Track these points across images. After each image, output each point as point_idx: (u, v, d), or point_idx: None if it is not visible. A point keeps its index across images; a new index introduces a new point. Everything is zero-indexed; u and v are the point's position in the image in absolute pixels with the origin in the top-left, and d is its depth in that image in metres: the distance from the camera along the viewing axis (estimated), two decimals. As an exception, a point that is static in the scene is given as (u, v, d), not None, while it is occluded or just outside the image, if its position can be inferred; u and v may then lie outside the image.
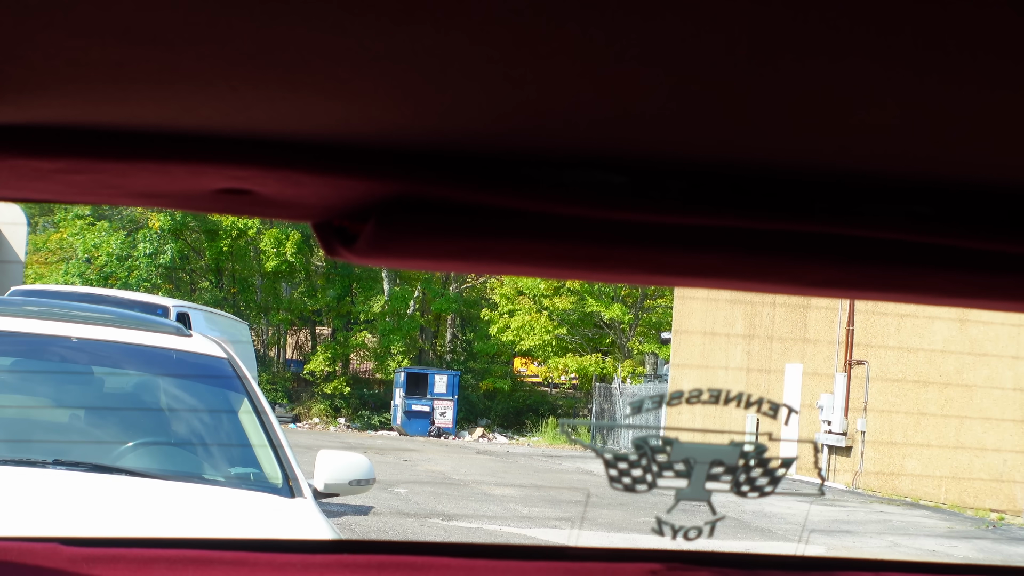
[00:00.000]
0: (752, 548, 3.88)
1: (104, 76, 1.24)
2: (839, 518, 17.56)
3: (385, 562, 1.90)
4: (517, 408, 41.24)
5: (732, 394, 2.24)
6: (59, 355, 5.65)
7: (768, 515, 15.21)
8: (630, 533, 8.99)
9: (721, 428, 2.38)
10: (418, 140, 1.42)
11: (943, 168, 1.47)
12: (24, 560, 1.75)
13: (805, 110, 1.29)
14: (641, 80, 1.22)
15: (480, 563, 1.91)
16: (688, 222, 1.53)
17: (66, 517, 4.24)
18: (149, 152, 1.43)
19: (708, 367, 29.90)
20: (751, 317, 28.43)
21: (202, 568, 1.80)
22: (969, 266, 1.63)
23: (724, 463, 2.12)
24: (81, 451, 5.02)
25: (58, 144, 1.41)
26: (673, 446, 2.13)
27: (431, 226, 1.50)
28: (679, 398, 2.23)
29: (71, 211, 39.43)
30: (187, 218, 38.18)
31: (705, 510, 2.12)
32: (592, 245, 1.57)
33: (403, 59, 1.16)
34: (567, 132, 1.39)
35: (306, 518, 4.74)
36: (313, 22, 1.07)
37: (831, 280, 1.68)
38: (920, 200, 1.54)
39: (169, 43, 1.14)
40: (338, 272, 40.97)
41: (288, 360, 44.23)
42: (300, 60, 1.17)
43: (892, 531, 16.88)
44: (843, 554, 11.53)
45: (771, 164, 1.47)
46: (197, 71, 1.22)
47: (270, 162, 1.43)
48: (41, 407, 5.40)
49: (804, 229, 1.56)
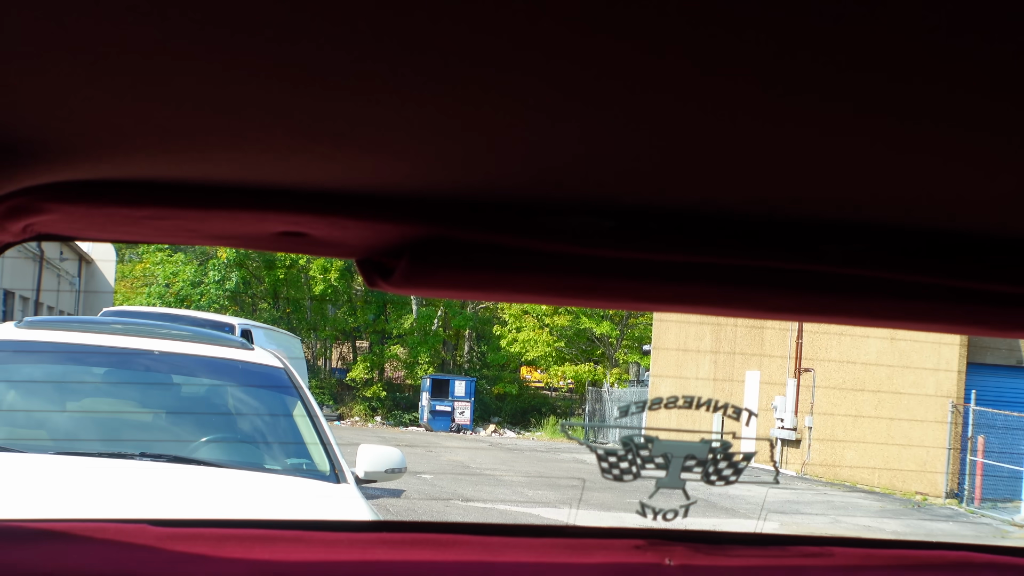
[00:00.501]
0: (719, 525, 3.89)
1: (184, 140, 1.25)
2: (791, 499, 17.48)
3: (416, 539, 1.89)
4: (523, 408, 41.02)
5: (702, 399, 2.25)
6: (144, 365, 5.64)
7: (732, 497, 15.09)
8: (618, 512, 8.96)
9: (693, 428, 2.36)
10: (443, 192, 1.42)
11: (873, 213, 1.47)
12: (118, 538, 1.73)
13: (760, 167, 1.29)
14: (627, 143, 1.23)
15: (494, 540, 1.90)
16: (664, 259, 1.53)
17: (151, 502, 4.23)
18: (221, 202, 1.43)
19: (682, 377, 29.77)
20: (717, 335, 28.33)
21: (265, 545, 1.79)
22: (894, 294, 1.63)
23: (696, 456, 2.12)
24: (162, 446, 5.01)
25: (146, 196, 1.41)
26: (654, 443, 2.13)
27: (454, 262, 1.50)
28: (659, 403, 2.23)
29: (153, 245, 39.26)
30: (249, 251, 38.22)
31: (680, 495, 2.12)
32: (585, 277, 1.57)
33: (432, 127, 1.17)
34: (565, 184, 1.39)
35: (349, 501, 4.70)
36: (359, 97, 1.08)
37: (782, 307, 1.68)
38: (855, 239, 1.54)
39: (239, 113, 1.15)
40: (374, 295, 40.79)
41: (333, 369, 44.04)
42: (347, 127, 1.18)
43: (834, 510, 16.79)
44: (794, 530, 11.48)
45: (733, 211, 1.47)
46: (262, 136, 1.22)
47: (321, 210, 1.43)
48: (129, 410, 5.39)
49: (760, 264, 1.56)
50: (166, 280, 40.34)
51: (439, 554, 1.87)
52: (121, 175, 1.37)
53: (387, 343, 43.17)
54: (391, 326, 43.15)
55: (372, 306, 42.27)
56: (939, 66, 0.95)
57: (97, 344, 5.67)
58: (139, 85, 1.07)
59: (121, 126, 1.20)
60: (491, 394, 41.06)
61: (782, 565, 1.97)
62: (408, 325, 42.77)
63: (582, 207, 1.46)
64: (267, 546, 1.80)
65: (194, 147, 1.28)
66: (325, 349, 44.32)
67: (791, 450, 24.07)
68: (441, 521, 3.45)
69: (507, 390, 41.86)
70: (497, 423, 38.42)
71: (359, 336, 44.20)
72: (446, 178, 1.37)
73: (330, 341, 44.20)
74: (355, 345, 44.60)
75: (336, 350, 45.14)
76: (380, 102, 1.10)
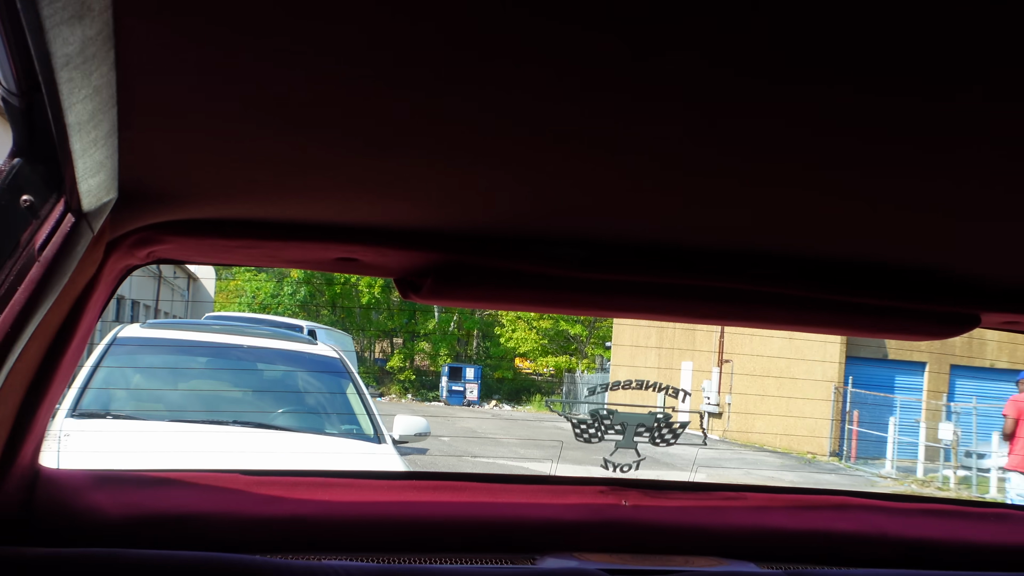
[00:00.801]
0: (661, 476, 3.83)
1: (268, 190, 1.25)
2: (715, 457, 17.36)
3: (437, 485, 1.88)
4: (517, 388, 40.78)
5: (649, 382, 2.25)
6: (235, 355, 5.62)
7: (671, 455, 15.01)
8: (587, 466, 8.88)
9: (643, 404, 2.36)
10: (459, 229, 1.42)
11: (779, 245, 1.47)
12: (217, 484, 1.73)
13: (695, 214, 1.29)
14: (595, 197, 1.23)
15: (495, 486, 1.90)
16: (622, 279, 1.53)
17: (241, 456, 4.22)
18: (294, 235, 1.43)
19: (634, 366, 29.64)
20: (660, 334, 28.19)
21: (324, 489, 1.78)
22: (792, 305, 1.63)
23: (645, 425, 2.12)
24: (249, 415, 4.99)
25: (239, 231, 1.41)
26: (613, 415, 2.13)
27: (467, 281, 1.50)
28: (617, 385, 2.23)
29: (243, 267, 39.44)
30: (314, 272, 38.01)
31: (633, 454, 2.12)
32: (564, 292, 1.57)
33: (452, 182, 1.17)
34: (549, 225, 1.39)
35: (387, 457, 4.68)
36: (399, 161, 1.08)
37: (709, 314, 1.68)
38: (766, 265, 1.54)
39: (309, 171, 1.15)
40: (407, 305, 40.60)
41: (376, 359, 43.74)
42: (390, 182, 1.18)
43: (746, 465, 16.70)
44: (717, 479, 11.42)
45: (675, 244, 1.46)
46: (325, 187, 1.22)
47: (369, 242, 1.43)
48: (224, 388, 5.37)
49: (696, 283, 1.56)
50: (252, 293, 40.17)
51: (454, 496, 1.87)
52: (220, 215, 1.37)
53: (416, 340, 43.01)
54: (419, 327, 43.06)
55: (405, 312, 42.16)
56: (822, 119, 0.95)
57: (201, 340, 5.68)
58: (237, 150, 1.08)
59: (221, 180, 1.20)
60: (493, 378, 40.82)
61: (708, 506, 1.96)
62: (432, 327, 42.72)
63: (561, 241, 1.47)
64: (326, 490, 1.79)
65: (275, 195, 1.28)
66: (370, 344, 44.06)
67: (715, 420, 23.97)
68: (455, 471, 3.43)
69: (505, 375, 41.65)
70: (497, 399, 38.17)
71: (395, 335, 43.98)
72: (461, 219, 1.37)
73: (373, 338, 43.97)
74: (392, 341, 44.38)
75: (378, 345, 44.87)
76: (414, 165, 1.10)
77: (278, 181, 1.19)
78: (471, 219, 1.36)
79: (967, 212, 1.21)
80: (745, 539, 1.94)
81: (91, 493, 1.63)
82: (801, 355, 21.21)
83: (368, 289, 40.74)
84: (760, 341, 22.36)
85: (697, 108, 0.90)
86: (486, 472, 1.58)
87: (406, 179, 1.16)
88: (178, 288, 39.10)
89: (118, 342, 5.40)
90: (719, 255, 1.50)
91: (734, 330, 24.25)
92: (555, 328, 40.23)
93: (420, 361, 43.42)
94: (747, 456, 18.94)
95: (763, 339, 22.15)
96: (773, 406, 21.70)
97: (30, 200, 1.03)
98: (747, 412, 22.63)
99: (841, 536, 1.98)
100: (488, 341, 44.70)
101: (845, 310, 1.63)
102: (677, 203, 1.24)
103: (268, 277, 41.11)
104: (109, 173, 1.09)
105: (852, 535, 1.99)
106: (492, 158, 1.08)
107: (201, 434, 4.51)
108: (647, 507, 1.92)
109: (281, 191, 1.25)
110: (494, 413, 31.13)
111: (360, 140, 1.02)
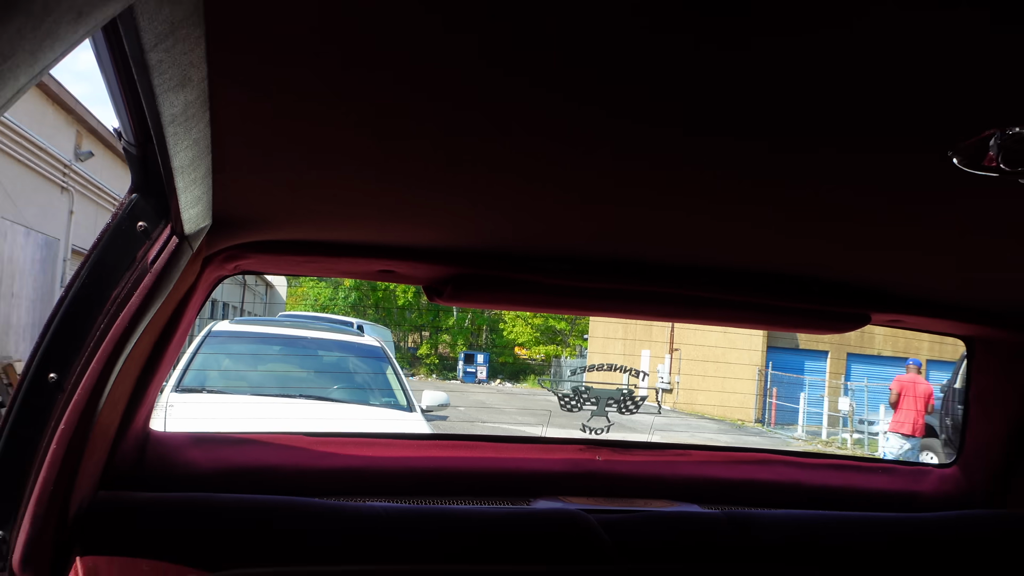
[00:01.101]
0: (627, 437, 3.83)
1: (325, 218, 1.24)
2: (667, 423, 17.32)
3: (455, 444, 1.87)
4: (516, 370, 40.67)
5: (617, 365, 2.24)
6: (302, 344, 5.61)
7: (633, 422, 14.99)
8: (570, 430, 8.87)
9: (612, 382, 2.35)
10: (472, 248, 1.41)
11: (718, 261, 1.46)
12: (284, 443, 1.71)
13: (654, 237, 1.28)
14: (575, 223, 1.22)
15: (500, 445, 1.89)
16: (597, 287, 1.53)
17: (305, 421, 4.21)
18: (347, 253, 1.43)
19: (605, 352, 29.49)
20: (625, 328, 28.11)
21: (370, 447, 1.77)
22: (728, 307, 1.62)
23: (613, 399, 2.11)
24: (311, 390, 4.98)
25: (305, 249, 1.41)
26: (589, 391, 2.12)
27: (478, 287, 1.49)
28: (592, 368, 2.23)
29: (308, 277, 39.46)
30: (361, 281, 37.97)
31: (604, 421, 2.11)
32: (552, 296, 1.56)
33: (468, 212, 1.17)
34: (543, 244, 1.39)
35: (417, 422, 4.65)
36: (429, 195, 1.08)
37: (664, 313, 1.66)
38: (709, 276, 1.53)
39: (360, 205, 1.14)
40: (432, 306, 40.56)
41: (409, 347, 43.71)
42: (420, 212, 1.17)
43: (691, 429, 16.66)
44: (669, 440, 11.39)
45: (640, 259, 1.46)
46: (370, 217, 1.22)
47: (404, 258, 1.43)
48: (293, 370, 5.36)
49: (655, 290, 1.55)
50: (314, 297, 40.21)
51: (467, 452, 1.86)
52: (290, 238, 1.37)
53: (439, 333, 42.98)
54: (441, 323, 42.98)
55: (431, 312, 42.10)
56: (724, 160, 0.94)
57: (275, 333, 5.68)
58: (303, 189, 1.07)
59: (291, 211, 1.20)
60: (498, 362, 40.70)
61: (662, 460, 1.95)
62: (451, 323, 42.65)
63: (550, 257, 1.46)
64: (369, 447, 1.78)
65: (331, 222, 1.27)
66: (404, 336, 43.95)
67: (667, 395, 23.91)
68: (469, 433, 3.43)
69: (506, 360, 41.54)
70: (501, 379, 38.04)
71: (423, 329, 43.90)
72: (473, 241, 1.37)
73: (407, 332, 43.90)
74: (421, 334, 44.28)
75: (410, 337, 44.75)
76: (437, 200, 1.10)
77: (333, 212, 1.19)
78: (481, 241, 1.36)
79: (856, 243, 1.22)
80: (690, 486, 1.93)
81: (189, 451, 1.62)
82: (733, 345, 21.23)
83: (403, 294, 40.74)
84: (702, 334, 22.33)
85: (633, 160, 0.90)
86: (492, 434, 1.58)
87: (431, 210, 1.16)
88: (258, 292, 39.08)
89: (212, 334, 5.39)
90: (670, 269, 1.50)
91: (682, 325, 24.20)
92: (545, 324, 40.30)
93: (442, 349, 43.32)
94: (692, 422, 18.88)
95: (704, 332, 22.10)
96: (711, 384, 21.66)
97: (144, 226, 1.06)
98: (692, 388, 22.59)
99: (763, 484, 1.97)
100: (494, 334, 44.65)
101: (766, 310, 1.63)
102: (637, 231, 1.24)
103: (326, 284, 41.11)
104: (205, 205, 1.09)
105: (772, 483, 1.98)
106: (496, 197, 1.08)
107: (274, 405, 4.50)
108: (615, 461, 1.92)
109: (336, 219, 1.24)
110: (498, 389, 31.04)
111: (398, 182, 1.02)
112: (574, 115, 0.79)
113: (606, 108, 0.77)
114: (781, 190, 1.00)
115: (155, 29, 0.57)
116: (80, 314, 1.08)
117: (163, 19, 0.56)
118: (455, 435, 1.93)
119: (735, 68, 0.68)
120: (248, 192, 1.09)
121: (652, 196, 1.04)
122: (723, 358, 21.47)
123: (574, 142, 0.86)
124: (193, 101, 0.73)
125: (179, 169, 0.87)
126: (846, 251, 1.30)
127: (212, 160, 0.93)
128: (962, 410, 2.06)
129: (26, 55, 0.37)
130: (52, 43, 0.39)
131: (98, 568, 1.18)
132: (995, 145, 0.75)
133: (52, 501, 1.10)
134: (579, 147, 0.88)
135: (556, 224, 1.22)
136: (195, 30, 0.61)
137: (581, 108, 0.77)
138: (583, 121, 0.80)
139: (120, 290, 1.07)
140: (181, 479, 1.57)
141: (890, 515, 1.73)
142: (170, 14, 0.56)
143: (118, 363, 1.10)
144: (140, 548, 1.22)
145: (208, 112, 0.79)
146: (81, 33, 0.42)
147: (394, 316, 43.20)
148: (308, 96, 0.76)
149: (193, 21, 0.60)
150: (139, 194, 1.06)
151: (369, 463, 1.75)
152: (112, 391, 1.17)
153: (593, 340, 33.46)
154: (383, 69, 0.70)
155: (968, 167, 0.80)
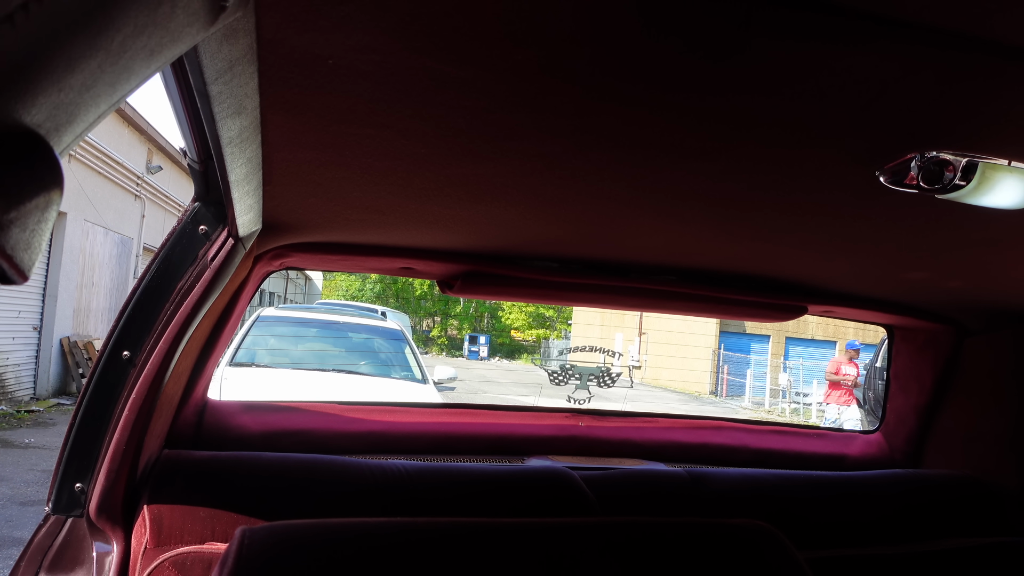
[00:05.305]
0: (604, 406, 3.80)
1: (356, 223, 1.23)
2: (637, 395, 17.30)
3: (462, 412, 1.87)
4: (512, 350, 40.65)
5: (595, 346, 2.23)
6: (335, 328, 5.60)
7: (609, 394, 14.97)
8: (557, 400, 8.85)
9: (592, 361, 2.34)
10: (478, 249, 1.40)
11: (682, 262, 1.45)
12: (320, 410, 1.70)
13: (626, 242, 1.28)
14: (562, 234, 1.22)
15: (498, 412, 1.88)
16: (579, 282, 1.52)
17: (337, 391, 4.21)
18: (373, 253, 1.41)
19: (586, 336, 29.45)
20: (603, 316, 28.09)
21: (390, 414, 1.76)
22: (690, 299, 1.62)
23: (594, 375, 2.11)
24: (342, 365, 4.98)
25: (339, 250, 1.40)
26: (573, 368, 2.11)
27: (482, 282, 1.48)
28: (576, 349, 2.22)
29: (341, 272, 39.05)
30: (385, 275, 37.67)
31: (586, 393, 2.10)
32: (543, 290, 1.55)
33: (474, 220, 1.16)
34: (534, 247, 1.38)
35: (430, 393, 4.65)
36: (441, 205, 1.07)
37: (635, 304, 1.65)
38: (675, 273, 1.52)
39: (386, 214, 1.13)
40: (443, 297, 40.42)
41: (424, 330, 43.65)
42: (434, 221, 1.17)
43: (657, 400, 16.65)
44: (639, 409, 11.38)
45: (616, 258, 1.45)
46: (393, 223, 1.21)
47: (421, 257, 1.42)
48: (328, 349, 5.35)
49: (627, 285, 1.54)
50: (346, 288, 40.09)
51: (471, 419, 1.85)
52: (327, 240, 1.36)
53: (449, 318, 42.98)
54: (450, 310, 42.98)
55: (442, 301, 42.07)
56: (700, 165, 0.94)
57: (313, 317, 5.64)
58: (338, 199, 1.06)
59: (328, 218, 1.19)
60: (497, 343, 40.63)
61: (633, 426, 1.95)
62: (459, 310, 42.62)
63: (542, 257, 1.45)
64: (391, 414, 1.77)
65: (361, 227, 1.26)
66: (420, 321, 43.91)
67: (637, 371, 23.94)
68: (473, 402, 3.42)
69: (504, 341, 41.48)
70: (499, 357, 38.05)
71: (436, 315, 43.88)
72: (478, 243, 1.36)
73: (422, 317, 43.89)
74: (434, 319, 44.24)
75: (425, 321, 44.74)
76: (449, 208, 1.09)
77: (363, 218, 1.18)
78: (485, 243, 1.35)
79: (794, 249, 1.22)
80: (657, 447, 1.93)
81: (240, 416, 1.62)
82: (691, 330, 21.26)
83: (419, 286, 40.70)
84: (665, 320, 22.36)
85: (599, 179, 0.90)
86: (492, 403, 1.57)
87: (445, 219, 1.15)
88: (299, 284, 38.93)
89: (260, 319, 5.37)
90: (638, 267, 1.49)
91: (651, 315, 24.17)
92: (536, 311, 40.27)
93: (451, 331, 43.30)
94: (657, 394, 18.88)
95: (667, 319, 22.13)
96: (673, 362, 21.69)
97: (205, 229, 1.06)
98: (657, 366, 22.60)
99: (717, 447, 1.97)
100: (494, 319, 44.60)
101: (719, 302, 1.63)
102: (607, 237, 1.23)
103: (356, 278, 41.02)
104: (256, 213, 1.08)
105: (724, 446, 1.98)
106: (497, 210, 1.07)
107: (312, 377, 4.48)
108: (595, 427, 1.92)
109: (365, 224, 1.23)
110: (497, 366, 31.01)
111: (417, 196, 1.02)
112: (553, 148, 0.79)
113: (576, 143, 0.77)
114: (728, 210, 1.00)
115: (215, 66, 0.56)
116: (150, 302, 1.08)
117: (222, 57, 0.56)
118: (462, 404, 1.93)
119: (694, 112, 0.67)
120: (292, 202, 1.08)
121: (616, 208, 1.04)
122: (683, 341, 21.51)
123: (558, 168, 0.86)
124: (247, 126, 0.73)
125: (235, 183, 0.87)
126: (787, 256, 1.30)
127: (262, 175, 0.93)
128: (883, 385, 2.07)
129: (106, 87, 0.37)
130: (128, 76, 0.39)
131: (162, 515, 1.18)
132: (915, 166, 0.75)
133: (124, 458, 1.10)
134: (561, 172, 0.88)
135: (544, 232, 1.22)
136: (249, 67, 0.61)
137: (556, 141, 0.77)
138: (560, 154, 0.81)
139: (184, 282, 1.07)
140: (233, 440, 1.57)
141: (823, 473, 1.74)
142: (228, 53, 0.56)
143: (182, 343, 1.10)
144: (198, 498, 1.21)
145: (259, 135, 0.78)
146: (153, 68, 0.42)
147: (411, 304, 43.16)
148: (343, 123, 0.76)
149: (248, 59, 0.59)
150: (201, 202, 1.06)
151: (390, 427, 1.75)
152: (176, 366, 1.17)
153: (576, 325, 33.43)
154: (404, 101, 0.70)
155: (892, 184, 0.80)
